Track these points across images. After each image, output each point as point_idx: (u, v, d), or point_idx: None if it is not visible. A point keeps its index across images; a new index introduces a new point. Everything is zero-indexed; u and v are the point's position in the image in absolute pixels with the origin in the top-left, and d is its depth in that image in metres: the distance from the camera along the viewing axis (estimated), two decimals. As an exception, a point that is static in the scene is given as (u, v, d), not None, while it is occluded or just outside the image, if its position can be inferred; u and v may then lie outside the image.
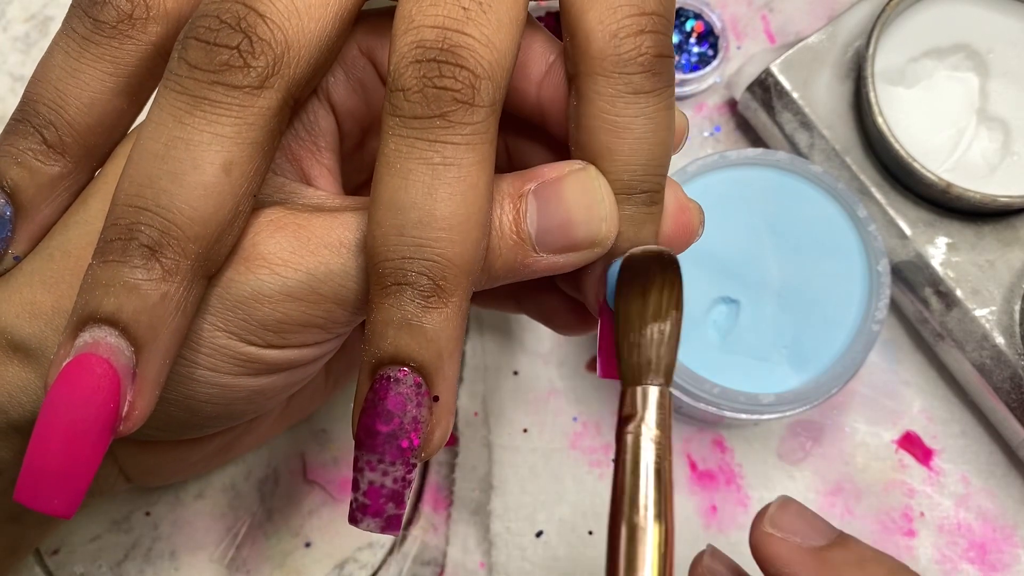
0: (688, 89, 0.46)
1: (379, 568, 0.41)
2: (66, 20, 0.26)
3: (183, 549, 0.40)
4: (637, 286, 0.25)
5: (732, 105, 0.46)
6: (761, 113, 0.44)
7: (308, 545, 0.41)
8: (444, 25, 0.23)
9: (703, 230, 0.28)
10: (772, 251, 0.39)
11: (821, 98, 0.43)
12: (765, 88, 0.43)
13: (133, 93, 0.27)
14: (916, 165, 0.40)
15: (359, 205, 0.27)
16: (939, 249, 0.41)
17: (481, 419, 0.42)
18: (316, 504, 0.41)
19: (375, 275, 0.23)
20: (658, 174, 0.26)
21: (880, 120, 0.40)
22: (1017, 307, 0.40)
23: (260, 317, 0.25)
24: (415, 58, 0.23)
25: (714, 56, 0.46)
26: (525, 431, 0.42)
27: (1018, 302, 0.40)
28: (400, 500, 0.24)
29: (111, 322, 0.22)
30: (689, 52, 0.46)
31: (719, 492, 0.42)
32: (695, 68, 0.46)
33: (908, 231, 0.41)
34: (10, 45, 0.48)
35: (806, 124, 0.43)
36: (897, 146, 0.40)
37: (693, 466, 0.42)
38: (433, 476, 0.42)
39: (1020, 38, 0.43)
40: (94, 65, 0.26)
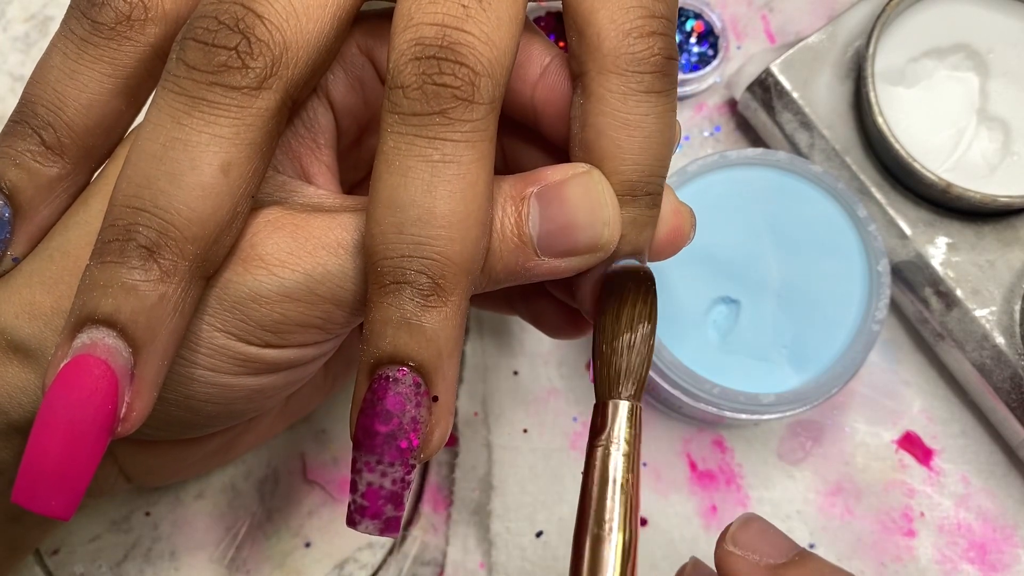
0: (688, 89, 0.46)
1: (379, 568, 0.41)
2: (64, 21, 0.26)
3: (183, 549, 0.40)
4: (612, 302, 0.26)
5: (732, 105, 0.46)
6: (761, 113, 0.44)
7: (308, 545, 0.41)
8: (444, 23, 0.23)
9: (695, 234, 0.28)
10: (772, 251, 0.39)
11: (821, 98, 0.43)
12: (765, 88, 0.43)
13: (131, 94, 0.27)
14: (916, 165, 0.40)
15: (357, 205, 0.26)
16: (939, 249, 0.41)
17: (481, 419, 0.42)
18: (316, 504, 0.41)
19: (374, 273, 0.23)
20: (661, 175, 0.26)
21: (880, 120, 0.40)
22: (1017, 307, 0.40)
23: (258, 317, 0.25)
24: (415, 55, 0.23)
25: (714, 56, 0.46)
26: (525, 431, 0.42)
27: (1018, 302, 0.40)
28: (399, 502, 0.24)
29: (109, 323, 0.22)
30: (689, 52, 0.46)
31: (719, 492, 0.42)
32: (695, 68, 0.46)
33: (908, 231, 0.41)
34: (10, 45, 0.48)
35: (806, 124, 0.42)
36: (897, 146, 0.40)
37: (693, 466, 0.42)
38: (433, 476, 0.42)
39: (1020, 38, 0.42)
40: (92, 66, 0.26)
